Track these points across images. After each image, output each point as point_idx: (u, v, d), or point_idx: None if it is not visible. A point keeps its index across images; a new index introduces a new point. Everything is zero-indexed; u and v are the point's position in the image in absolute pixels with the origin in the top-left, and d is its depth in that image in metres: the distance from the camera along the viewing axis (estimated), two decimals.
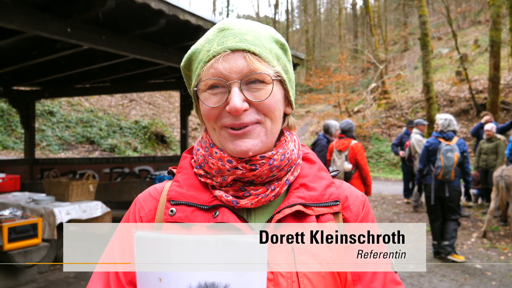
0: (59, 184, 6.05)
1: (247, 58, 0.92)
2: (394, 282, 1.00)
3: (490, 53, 14.41)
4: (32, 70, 8.03)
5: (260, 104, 0.93)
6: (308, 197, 0.99)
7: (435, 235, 6.39)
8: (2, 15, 4.12)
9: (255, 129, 0.94)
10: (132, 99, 24.62)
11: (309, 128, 27.20)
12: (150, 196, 1.07)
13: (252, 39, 0.94)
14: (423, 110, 19.55)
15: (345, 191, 1.07)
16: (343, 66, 25.58)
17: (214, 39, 0.95)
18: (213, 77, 0.92)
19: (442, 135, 6.07)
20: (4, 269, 5.15)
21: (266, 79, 0.93)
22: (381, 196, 12.37)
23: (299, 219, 0.96)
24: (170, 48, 6.21)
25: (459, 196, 6.17)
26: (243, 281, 0.84)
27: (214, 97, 0.94)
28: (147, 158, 10.40)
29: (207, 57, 0.93)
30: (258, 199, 0.96)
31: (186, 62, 1.03)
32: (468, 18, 33.50)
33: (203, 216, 0.95)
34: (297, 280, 0.90)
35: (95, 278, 0.99)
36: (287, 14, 47.05)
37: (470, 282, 5.43)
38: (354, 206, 1.05)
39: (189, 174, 1.04)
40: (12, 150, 17.19)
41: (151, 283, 0.88)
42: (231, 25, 0.97)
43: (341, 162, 6.45)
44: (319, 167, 1.08)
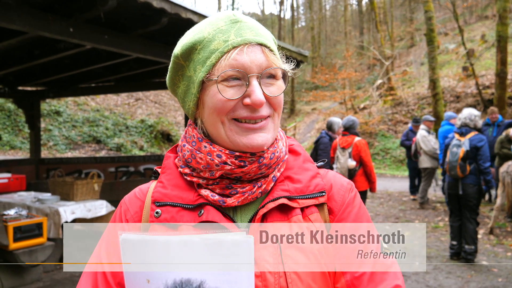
0: (64, 183, 6.08)
1: (265, 52, 0.93)
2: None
3: (497, 48, 14.28)
4: (37, 70, 8.06)
5: (274, 99, 0.95)
6: (292, 190, 0.98)
7: (453, 236, 6.18)
8: (4, 16, 4.13)
9: (268, 123, 0.96)
10: (138, 98, 24.71)
11: (315, 125, 27.12)
12: (136, 198, 1.06)
13: (265, 34, 0.96)
14: (429, 106, 19.43)
15: (330, 180, 1.05)
16: (349, 63, 25.51)
17: (228, 29, 0.93)
18: (233, 68, 0.91)
19: (458, 130, 5.98)
20: (10, 269, 5.19)
21: (278, 74, 0.95)
22: (387, 193, 12.32)
23: (285, 212, 0.96)
24: (172, 47, 6.16)
25: (477, 194, 5.82)
26: (231, 279, 0.83)
27: (230, 89, 0.92)
28: (152, 157, 10.45)
29: (226, 47, 0.91)
30: (245, 196, 0.96)
31: (185, 51, 0.97)
32: (475, 13, 33.23)
33: (189, 216, 0.95)
34: (284, 275, 0.89)
35: (83, 281, 0.99)
36: (293, 11, 46.98)
37: (476, 279, 5.39)
38: (339, 195, 1.03)
39: (173, 174, 1.03)
40: (19, 150, 17.31)
41: (139, 284, 0.87)
42: (242, 18, 0.96)
43: (344, 159, 6.42)
44: (304, 158, 1.07)
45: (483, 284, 5.21)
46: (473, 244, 5.93)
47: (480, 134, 5.84)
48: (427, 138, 9.47)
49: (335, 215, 1.00)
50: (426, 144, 9.43)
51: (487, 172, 5.72)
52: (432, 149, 9.34)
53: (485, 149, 5.71)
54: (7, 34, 5.33)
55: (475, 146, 5.73)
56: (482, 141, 5.73)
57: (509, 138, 8.55)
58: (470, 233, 5.93)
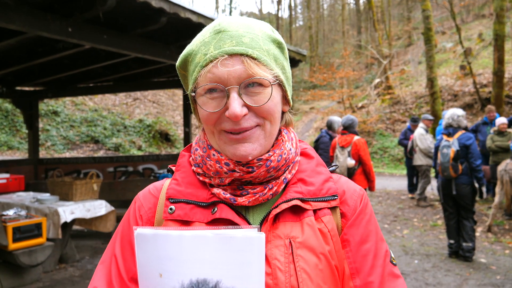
0: (63, 183, 6.08)
1: (245, 62, 0.90)
2: (392, 275, 0.99)
3: (494, 47, 14.33)
4: (35, 70, 8.05)
5: (259, 108, 0.93)
6: (305, 192, 0.99)
7: (450, 235, 6.22)
8: (3, 16, 4.13)
9: (254, 133, 0.94)
10: (136, 98, 24.68)
11: (313, 124, 27.14)
12: (150, 194, 1.08)
13: (250, 41, 0.93)
14: (427, 105, 19.47)
15: (343, 185, 1.07)
16: (347, 62, 25.53)
17: (210, 41, 0.94)
18: (210, 82, 0.91)
19: (445, 131, 6.04)
20: (9, 269, 5.19)
21: (265, 82, 0.92)
22: (386, 192, 12.34)
23: (297, 213, 0.97)
24: (171, 46, 6.21)
25: (471, 193, 5.89)
26: (241, 275, 0.84)
27: (213, 101, 0.93)
28: (150, 157, 10.44)
29: (204, 61, 0.92)
30: (256, 197, 0.97)
31: (181, 63, 1.02)
32: (472, 11, 33.29)
33: (202, 213, 0.97)
34: (295, 274, 0.90)
35: (97, 275, 1.01)
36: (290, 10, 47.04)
37: (475, 277, 5.41)
38: (352, 200, 1.04)
39: (187, 172, 1.05)
40: (17, 150, 17.28)
41: (152, 278, 0.89)
42: (227, 26, 0.95)
43: (343, 158, 6.43)
44: (317, 162, 1.08)
45: (481, 282, 5.24)
46: (471, 241, 5.96)
47: (467, 133, 5.89)
48: (424, 136, 9.54)
49: (348, 219, 1.01)
50: (423, 142, 9.51)
51: (479, 170, 5.78)
52: (428, 147, 9.43)
53: (474, 147, 5.78)
54: (6, 34, 5.32)
55: (464, 145, 5.79)
56: (470, 139, 5.79)
57: (499, 131, 8.62)
58: (467, 231, 5.97)
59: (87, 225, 6.31)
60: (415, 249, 6.65)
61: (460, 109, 6.14)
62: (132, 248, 0.97)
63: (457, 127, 5.95)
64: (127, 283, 0.97)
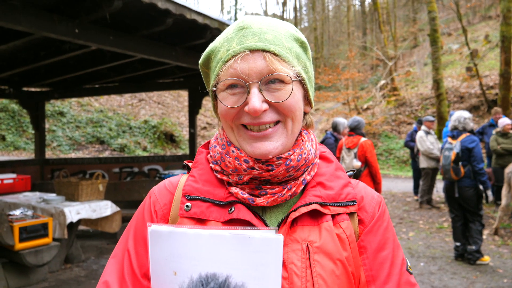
0: (69, 184, 6.10)
1: (267, 58, 0.90)
2: (409, 284, 0.98)
3: (501, 48, 14.26)
4: (42, 71, 8.09)
5: (280, 104, 0.93)
6: (324, 196, 0.98)
7: (456, 237, 6.18)
8: (11, 17, 4.15)
9: (277, 131, 0.94)
10: (141, 99, 24.75)
11: (318, 126, 27.10)
12: (166, 190, 1.06)
13: (272, 38, 0.93)
14: (433, 107, 19.40)
15: (361, 191, 1.06)
16: (352, 63, 25.45)
17: (233, 38, 0.94)
18: (231, 77, 0.91)
19: (450, 133, 6.03)
20: (16, 268, 5.21)
21: (286, 79, 0.92)
22: (391, 194, 12.30)
23: (315, 218, 0.96)
24: (177, 48, 6.22)
25: (474, 196, 5.85)
26: (257, 275, 0.84)
27: (233, 97, 0.93)
28: (156, 158, 10.46)
29: (226, 56, 0.92)
30: (274, 198, 0.95)
31: (204, 60, 1.02)
32: (478, 13, 33.14)
33: (219, 212, 0.95)
34: (311, 279, 0.89)
35: (109, 269, 1.00)
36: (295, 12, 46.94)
37: (481, 280, 5.37)
38: (370, 207, 1.03)
39: (205, 170, 1.04)
40: (23, 150, 17.38)
41: (165, 276, 0.88)
42: (250, 23, 0.95)
43: (350, 160, 6.41)
44: (336, 166, 1.07)
45: (488, 285, 5.20)
46: (475, 244, 5.93)
47: (472, 136, 5.84)
48: (423, 138, 9.50)
49: (365, 226, 1.00)
50: (422, 144, 9.49)
51: (482, 173, 5.72)
52: (428, 149, 9.37)
53: (477, 150, 5.70)
54: (13, 36, 5.35)
55: (466, 148, 5.74)
56: (473, 142, 5.74)
57: (503, 133, 8.56)
58: (472, 234, 5.95)
59: (92, 226, 6.33)
60: (421, 252, 6.62)
61: (467, 111, 6.11)
62: (146, 243, 0.95)
63: (462, 129, 5.91)
64: (139, 279, 0.96)
